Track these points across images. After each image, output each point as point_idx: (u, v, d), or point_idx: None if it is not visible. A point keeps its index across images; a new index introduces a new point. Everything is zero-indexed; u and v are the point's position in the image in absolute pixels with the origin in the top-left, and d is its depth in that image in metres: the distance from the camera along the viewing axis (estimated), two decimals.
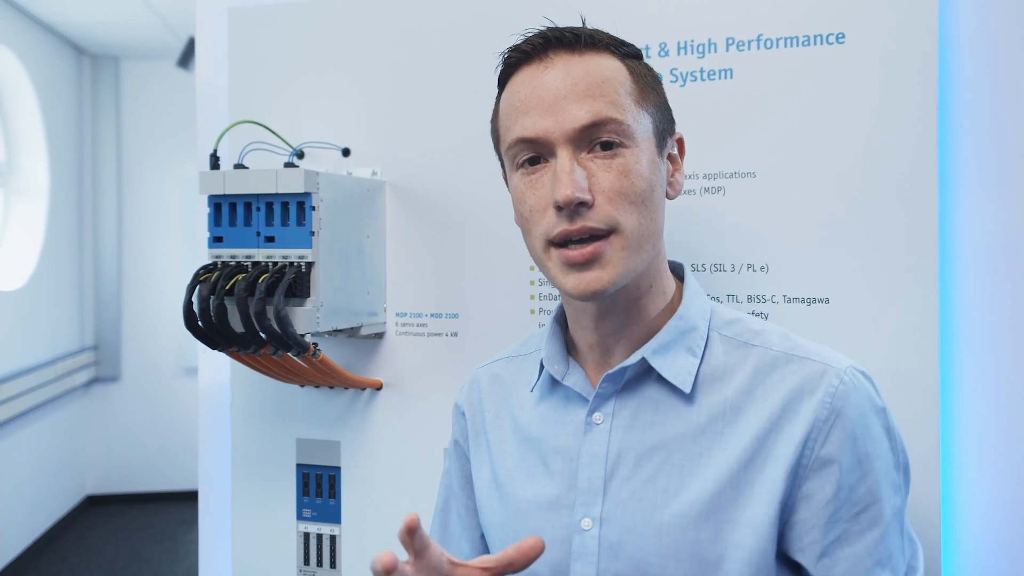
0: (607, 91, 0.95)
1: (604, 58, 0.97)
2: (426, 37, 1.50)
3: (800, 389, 0.95)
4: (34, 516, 4.93)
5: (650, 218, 0.96)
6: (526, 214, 0.98)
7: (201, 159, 1.63)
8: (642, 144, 0.96)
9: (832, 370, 0.95)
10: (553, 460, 1.04)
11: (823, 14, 1.29)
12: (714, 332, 1.02)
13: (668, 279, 1.04)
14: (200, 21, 1.67)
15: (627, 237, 0.94)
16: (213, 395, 1.68)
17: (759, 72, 1.32)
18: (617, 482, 0.98)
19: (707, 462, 0.95)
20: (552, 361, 1.06)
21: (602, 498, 0.98)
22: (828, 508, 0.92)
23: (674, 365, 0.99)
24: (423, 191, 1.50)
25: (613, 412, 1.00)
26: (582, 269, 0.94)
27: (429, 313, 1.50)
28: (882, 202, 1.26)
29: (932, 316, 1.24)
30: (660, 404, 0.99)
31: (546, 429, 1.06)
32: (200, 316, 1.32)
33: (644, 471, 0.97)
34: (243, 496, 1.61)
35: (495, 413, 1.14)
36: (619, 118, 0.94)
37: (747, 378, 0.98)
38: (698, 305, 1.03)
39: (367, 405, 1.54)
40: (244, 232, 1.35)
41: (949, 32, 1.26)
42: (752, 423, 0.95)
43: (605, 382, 1.00)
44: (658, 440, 0.98)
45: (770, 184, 1.31)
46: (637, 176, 0.94)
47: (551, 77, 0.96)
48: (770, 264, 1.32)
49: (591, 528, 0.98)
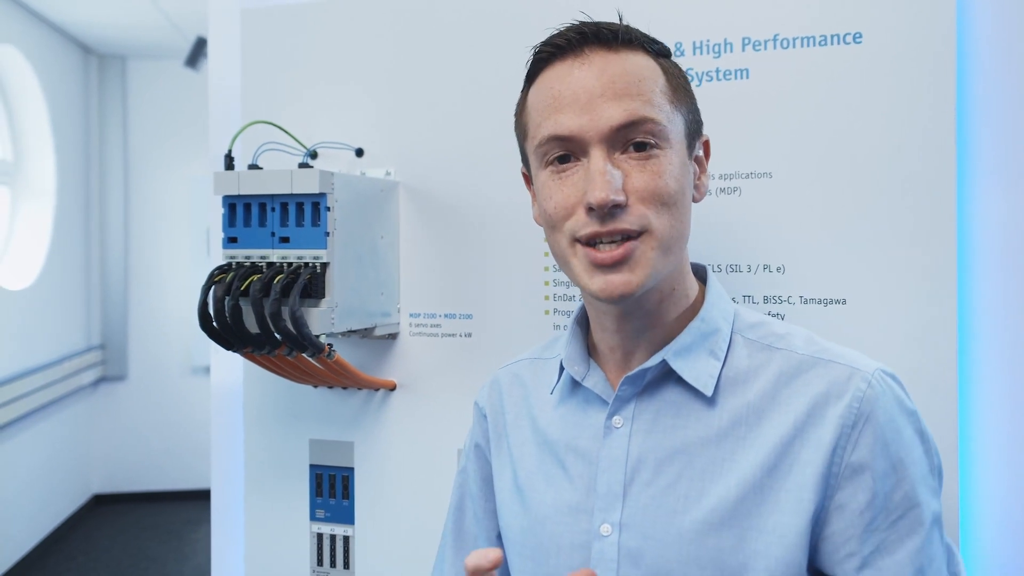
0: (643, 90, 0.93)
1: (639, 56, 0.95)
2: (439, 37, 1.49)
3: (826, 393, 0.92)
4: (41, 515, 4.93)
5: (680, 220, 0.94)
6: (551, 211, 0.95)
7: (214, 159, 1.63)
8: (675, 145, 0.94)
9: (859, 373, 0.93)
10: (572, 464, 1.02)
11: (840, 14, 1.28)
12: (737, 335, 1.00)
13: (691, 282, 1.02)
14: (212, 22, 1.67)
15: (658, 238, 0.92)
16: (225, 395, 1.68)
17: (775, 72, 1.31)
18: (637, 487, 0.96)
19: (730, 467, 0.93)
20: (572, 362, 1.04)
21: (622, 503, 0.96)
22: (863, 517, 0.89)
23: (695, 368, 0.97)
24: (437, 191, 1.49)
25: (633, 415, 0.98)
26: (610, 271, 0.92)
27: (443, 314, 1.50)
28: (899, 202, 1.26)
29: (950, 316, 1.23)
30: (681, 408, 0.97)
31: (565, 432, 1.04)
32: (215, 317, 1.32)
33: (665, 476, 0.95)
34: (256, 497, 1.61)
35: (515, 414, 1.12)
36: (655, 118, 0.92)
37: (771, 382, 0.95)
38: (721, 307, 1.01)
39: (381, 406, 1.53)
40: (259, 232, 1.34)
41: (967, 31, 1.25)
42: (776, 428, 0.93)
43: (625, 384, 0.98)
44: (679, 444, 0.95)
45: (786, 184, 1.31)
46: (670, 177, 0.92)
47: (586, 74, 0.93)
48: (786, 265, 1.31)
49: (610, 534, 0.96)
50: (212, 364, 1.69)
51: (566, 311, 1.42)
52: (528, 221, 1.43)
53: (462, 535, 1.17)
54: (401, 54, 1.51)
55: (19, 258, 4.91)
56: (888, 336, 1.26)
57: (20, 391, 4.51)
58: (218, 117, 1.67)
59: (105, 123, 5.69)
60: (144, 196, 5.81)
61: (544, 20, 1.41)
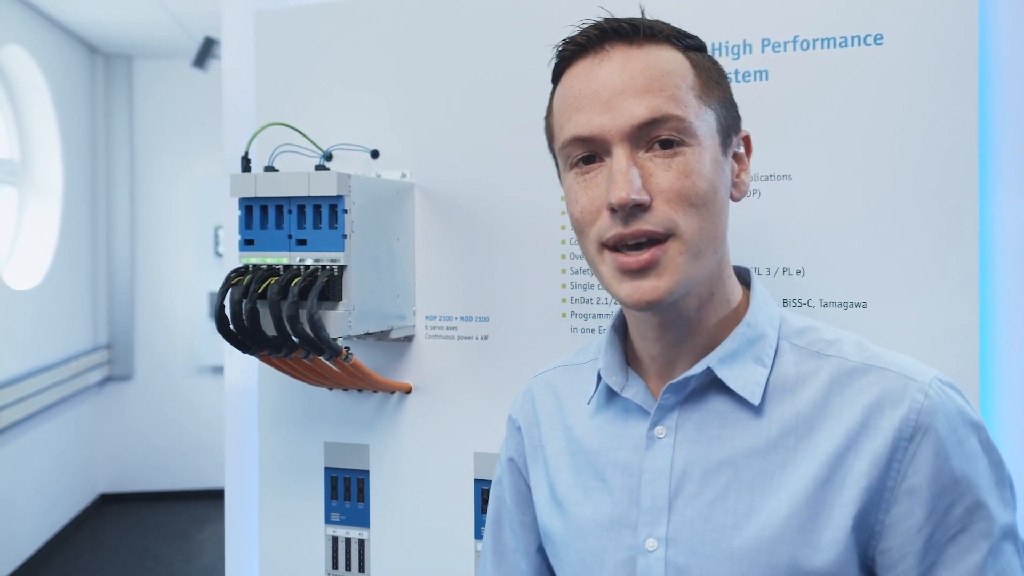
0: (667, 85, 0.89)
1: (664, 50, 0.91)
2: (454, 37, 1.48)
3: (880, 403, 0.88)
4: (48, 515, 4.94)
5: (712, 221, 0.89)
6: (578, 216, 0.92)
7: (228, 161, 1.62)
8: (705, 142, 0.90)
9: (915, 383, 0.88)
10: (612, 476, 0.97)
11: (860, 15, 1.27)
12: (784, 341, 0.95)
13: (733, 286, 0.98)
14: (226, 23, 1.66)
15: (686, 242, 0.87)
16: (240, 397, 1.68)
17: (795, 73, 1.30)
18: (683, 500, 0.91)
19: (780, 480, 0.89)
20: (610, 372, 1.00)
21: (667, 517, 0.92)
22: (921, 535, 0.85)
23: (742, 375, 0.92)
24: (452, 193, 1.49)
25: (676, 425, 0.94)
26: (637, 277, 0.88)
27: (459, 316, 1.49)
28: (921, 205, 1.25)
29: (972, 320, 1.23)
30: (727, 417, 0.92)
31: (603, 443, 1.00)
32: (232, 320, 1.31)
33: (712, 489, 0.91)
34: (271, 499, 1.61)
35: (549, 425, 1.08)
36: (680, 114, 0.88)
37: (821, 390, 0.91)
38: (767, 312, 0.97)
39: (396, 408, 1.53)
40: (275, 235, 1.34)
41: (989, 33, 1.24)
42: (828, 439, 0.88)
43: (667, 393, 0.94)
44: (726, 456, 0.91)
45: (806, 187, 1.30)
46: (699, 176, 0.88)
47: (607, 71, 0.90)
48: (806, 268, 1.30)
49: (656, 549, 0.91)
50: (226, 365, 1.69)
51: (583, 314, 1.42)
52: (545, 223, 1.43)
53: (501, 548, 1.14)
54: (416, 55, 1.51)
55: (26, 258, 4.92)
56: (909, 339, 1.25)
57: (27, 391, 4.52)
58: (232, 118, 1.66)
59: (111, 123, 5.70)
60: (150, 196, 5.81)
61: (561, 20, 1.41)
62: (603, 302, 1.41)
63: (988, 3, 1.24)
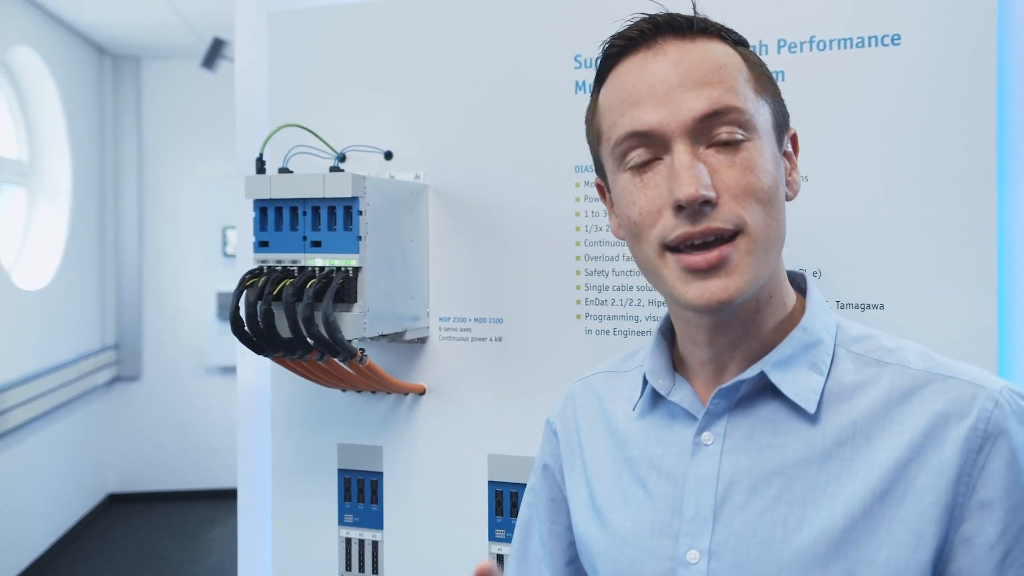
0: (725, 77, 0.85)
1: (717, 44, 0.88)
2: (468, 38, 1.48)
3: (946, 413, 0.83)
4: (56, 515, 4.95)
5: (776, 218, 0.86)
6: (636, 218, 0.87)
7: (241, 162, 1.62)
8: (764, 136, 0.86)
9: (984, 391, 0.83)
10: (654, 483, 0.93)
11: (878, 15, 1.27)
12: (841, 348, 0.91)
13: (788, 290, 0.94)
14: (238, 24, 1.66)
15: (754, 239, 0.83)
16: (252, 398, 1.67)
17: (811, 74, 1.30)
18: (729, 511, 0.86)
19: (835, 492, 0.84)
20: (656, 375, 0.95)
21: (711, 528, 0.87)
22: (995, 552, 0.80)
23: (796, 381, 0.88)
24: (466, 194, 1.48)
25: (725, 432, 0.89)
26: (706, 277, 0.83)
27: (473, 318, 1.49)
28: (939, 206, 1.24)
29: (991, 322, 1.22)
30: (779, 424, 0.88)
31: (647, 448, 0.95)
32: (247, 321, 1.31)
33: (761, 499, 0.86)
34: (284, 501, 1.61)
35: (591, 429, 1.04)
36: (740, 106, 0.84)
37: (881, 399, 0.86)
38: (824, 319, 0.92)
39: (410, 410, 1.53)
40: (290, 236, 1.34)
41: (1008, 32, 1.23)
42: (888, 450, 0.84)
43: (717, 398, 0.89)
44: (776, 465, 0.86)
45: (823, 188, 1.29)
46: (763, 171, 0.84)
47: (662, 65, 0.86)
48: (823, 269, 1.30)
49: (698, 562, 0.86)
50: (239, 366, 1.69)
51: (598, 315, 1.41)
52: (560, 223, 1.43)
53: (526, 556, 1.10)
54: (429, 56, 1.50)
55: (34, 259, 4.93)
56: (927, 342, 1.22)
57: (35, 391, 4.53)
58: (244, 120, 1.66)
59: (120, 123, 5.71)
60: (158, 196, 5.82)
61: (576, 23, 1.41)
62: (618, 303, 1.40)
63: (1006, 2, 1.23)
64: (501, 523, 1.47)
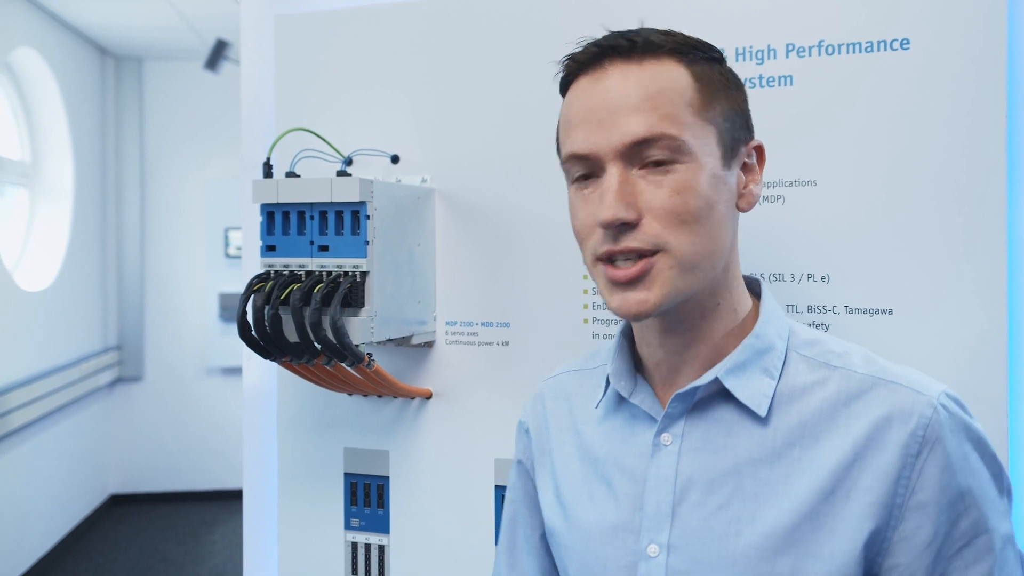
0: (661, 103, 0.89)
1: (665, 65, 0.91)
2: (475, 42, 1.48)
3: (888, 417, 0.89)
4: (59, 516, 4.94)
5: (707, 237, 0.91)
6: (577, 229, 0.95)
7: (247, 165, 1.62)
8: (702, 158, 0.90)
9: (924, 398, 0.89)
10: (618, 481, 0.99)
11: (887, 19, 1.26)
12: (792, 352, 0.96)
13: (740, 296, 0.99)
14: (244, 27, 1.66)
15: (676, 257, 0.89)
16: (258, 401, 1.67)
17: (820, 78, 1.29)
18: (686, 508, 0.93)
19: (784, 491, 0.90)
20: (619, 377, 1.01)
21: (670, 524, 0.93)
22: (930, 550, 0.87)
23: (749, 386, 0.93)
24: (473, 198, 1.48)
25: (683, 433, 0.96)
26: (626, 289, 0.90)
27: (480, 322, 1.48)
28: (948, 210, 1.24)
29: (1000, 327, 1.22)
30: (733, 426, 0.94)
31: (611, 448, 1.02)
32: (254, 326, 1.31)
33: (716, 497, 0.92)
34: (290, 505, 1.60)
35: (559, 428, 1.10)
36: (673, 133, 0.89)
37: (828, 402, 0.92)
38: (776, 324, 0.98)
39: (416, 414, 1.52)
40: (297, 241, 1.33)
41: (1018, 38, 1.23)
42: (834, 451, 0.90)
43: (675, 402, 0.95)
44: (730, 465, 0.93)
45: (831, 193, 1.29)
46: (691, 194, 0.89)
47: (601, 90, 0.92)
48: (831, 274, 1.29)
49: (658, 555, 0.93)
50: (244, 370, 1.68)
51: (605, 319, 1.41)
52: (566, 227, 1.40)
53: (515, 551, 1.16)
54: (436, 59, 1.50)
55: (37, 260, 4.93)
56: (936, 347, 1.24)
57: (37, 392, 4.52)
58: (250, 123, 1.66)
59: (122, 125, 5.71)
60: (161, 197, 5.82)
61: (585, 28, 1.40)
62: None
63: (1016, 8, 1.23)
64: None
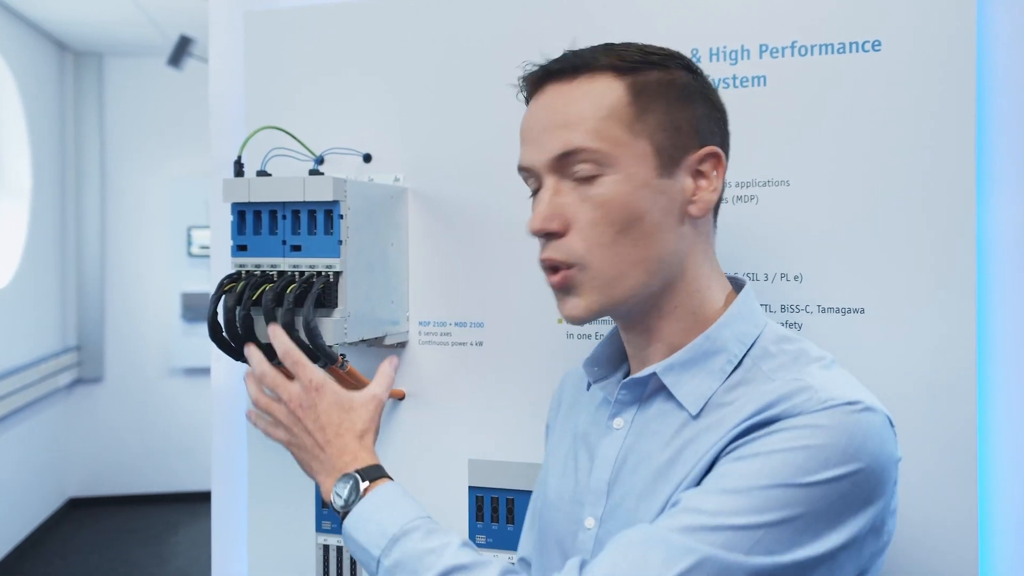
0: (583, 119, 0.94)
1: (598, 82, 0.96)
2: (446, 40, 1.47)
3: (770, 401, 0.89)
4: (16, 520, 4.86)
5: (636, 246, 0.94)
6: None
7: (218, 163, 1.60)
8: (630, 169, 0.93)
9: (817, 396, 0.88)
10: (581, 457, 1.08)
11: (859, 21, 1.27)
12: (750, 359, 0.97)
13: (706, 299, 1.00)
14: (213, 24, 1.63)
15: (594, 274, 0.95)
16: (227, 402, 1.65)
17: (793, 79, 1.30)
18: (618, 486, 1.00)
19: (680, 470, 0.94)
20: (592, 363, 1.09)
21: (605, 500, 1.01)
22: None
23: (686, 385, 0.97)
24: (446, 197, 1.47)
25: (633, 420, 1.02)
26: (560, 295, 0.99)
27: (453, 322, 1.47)
28: (918, 211, 1.25)
29: (969, 326, 1.23)
30: (668, 417, 0.99)
31: (582, 426, 1.11)
32: (225, 327, 1.29)
33: (639, 478, 0.98)
34: (260, 507, 1.58)
35: (568, 406, 1.18)
36: (591, 147, 0.93)
37: (753, 400, 0.92)
38: (738, 328, 0.98)
39: (389, 415, 1.51)
40: (269, 240, 1.31)
41: (987, 39, 1.25)
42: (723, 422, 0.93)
43: (623, 390, 1.03)
44: (655, 448, 0.98)
45: (804, 193, 1.30)
46: (614, 205, 0.93)
47: (537, 109, 1.00)
48: (804, 274, 1.30)
49: (593, 528, 1.01)
50: (212, 370, 1.66)
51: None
52: None
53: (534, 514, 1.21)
54: (408, 57, 1.49)
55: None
56: (907, 345, 1.26)
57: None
58: (219, 121, 1.63)
59: (81, 121, 5.61)
60: (122, 195, 5.74)
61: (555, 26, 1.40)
62: None
63: (986, 9, 1.25)
64: (482, 528, 1.46)
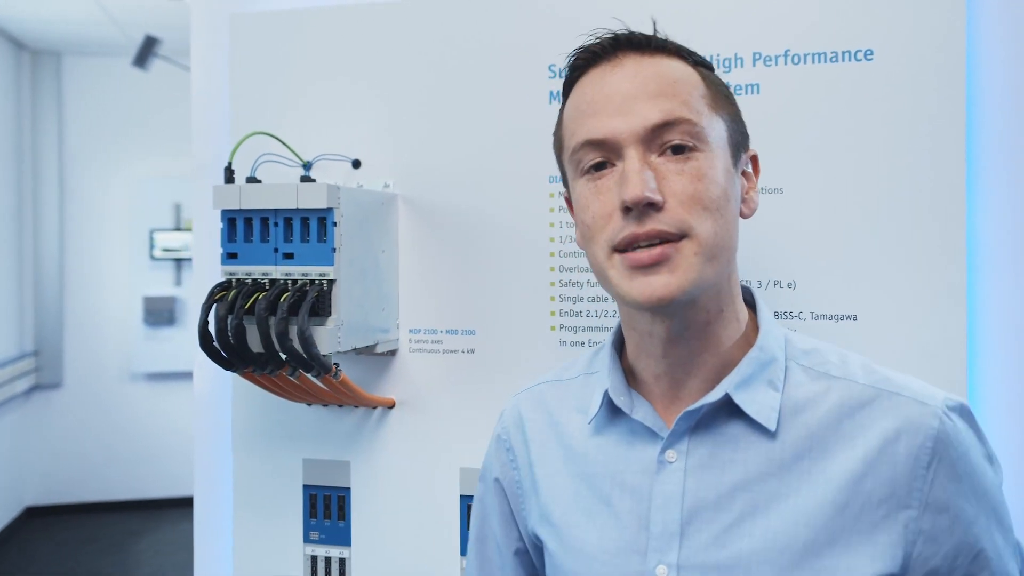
0: (679, 91, 0.89)
1: (675, 61, 0.93)
2: (435, 45, 1.46)
3: (897, 430, 0.88)
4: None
5: (725, 228, 0.89)
6: (589, 221, 0.91)
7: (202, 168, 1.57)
8: (716, 150, 0.90)
9: (928, 409, 0.88)
10: (619, 500, 0.95)
11: (851, 30, 1.29)
12: (791, 362, 0.94)
13: (741, 305, 0.97)
14: (196, 26, 1.60)
15: (701, 243, 0.86)
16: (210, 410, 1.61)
17: (786, 87, 1.31)
18: (696, 526, 0.90)
19: (795, 504, 0.87)
20: (618, 393, 0.97)
21: (679, 543, 0.90)
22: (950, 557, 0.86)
23: (756, 400, 0.91)
24: (437, 204, 1.46)
25: (687, 450, 0.92)
26: (649, 272, 0.86)
27: (444, 329, 1.46)
28: (910, 218, 1.27)
29: (960, 332, 1.25)
30: (740, 441, 0.91)
31: (608, 465, 0.97)
32: (216, 336, 1.26)
33: (727, 513, 0.89)
34: (246, 517, 1.55)
35: (541, 443, 1.05)
36: (692, 119, 0.88)
37: (833, 412, 0.90)
38: (775, 334, 0.96)
39: (378, 424, 1.49)
40: (260, 248, 1.29)
41: (977, 49, 1.27)
42: (844, 462, 0.88)
43: (682, 420, 0.92)
44: (739, 479, 0.90)
45: (797, 200, 1.31)
46: (712, 182, 0.88)
47: (619, 77, 0.91)
48: (797, 280, 1.31)
49: None
50: (195, 377, 1.62)
51: (572, 327, 1.40)
52: (533, 232, 1.42)
53: (486, 567, 1.12)
54: (399, 62, 1.47)
55: None
56: (899, 352, 1.27)
57: None
58: (202, 125, 1.60)
59: (39, 122, 5.49)
60: (81, 197, 5.61)
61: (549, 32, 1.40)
62: (592, 315, 1.40)
63: (976, 19, 1.27)
64: None
